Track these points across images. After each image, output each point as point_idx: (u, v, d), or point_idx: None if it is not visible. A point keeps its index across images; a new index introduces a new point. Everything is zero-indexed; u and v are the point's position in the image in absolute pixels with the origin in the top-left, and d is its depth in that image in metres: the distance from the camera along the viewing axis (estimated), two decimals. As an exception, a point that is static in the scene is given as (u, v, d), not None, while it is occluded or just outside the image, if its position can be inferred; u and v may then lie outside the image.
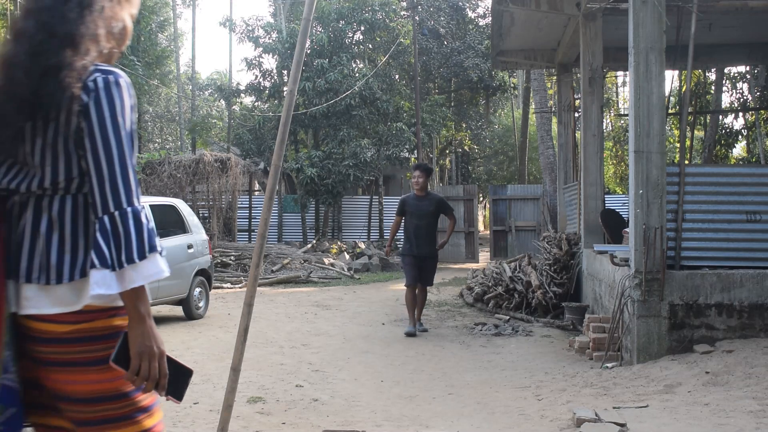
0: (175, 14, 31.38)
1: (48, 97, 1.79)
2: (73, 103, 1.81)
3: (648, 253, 6.83)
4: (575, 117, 13.60)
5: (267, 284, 15.65)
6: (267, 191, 4.67)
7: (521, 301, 10.88)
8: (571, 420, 5.15)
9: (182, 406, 6.04)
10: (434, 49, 27.16)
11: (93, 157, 1.82)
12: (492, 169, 35.91)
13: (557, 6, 10.68)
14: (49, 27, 1.83)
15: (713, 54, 12.81)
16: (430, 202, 9.55)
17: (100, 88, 1.84)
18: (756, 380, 5.75)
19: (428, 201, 9.57)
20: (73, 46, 1.83)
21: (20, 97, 1.80)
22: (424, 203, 9.55)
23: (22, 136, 1.84)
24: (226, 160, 18.67)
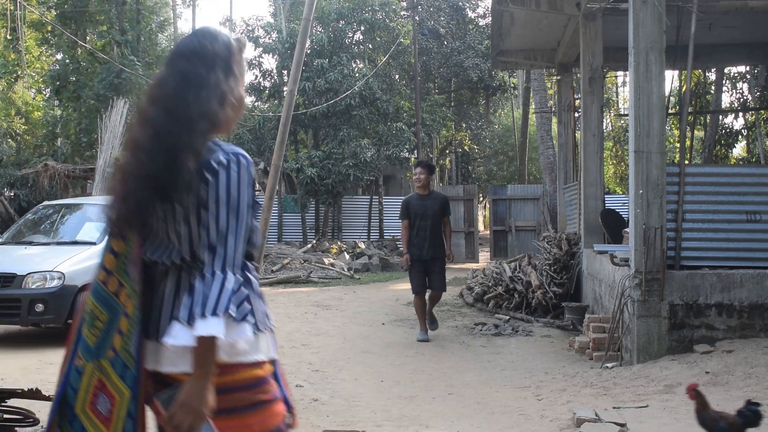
0: (175, 14, 31.43)
1: (174, 179, 1.96)
2: (199, 183, 1.98)
3: (648, 253, 6.83)
4: (575, 117, 13.60)
5: (267, 284, 15.65)
6: (267, 191, 4.67)
7: (521, 301, 10.88)
8: (571, 420, 5.15)
9: (182, 406, 6.03)
10: (434, 49, 27.15)
11: (206, 227, 2.00)
12: (492, 169, 35.92)
13: (557, 6, 10.68)
14: (173, 112, 2.00)
15: (713, 54, 12.80)
16: (434, 201, 8.96)
17: (222, 169, 2.01)
18: (756, 380, 5.75)
19: (432, 200, 8.99)
20: (195, 128, 2.00)
21: (150, 181, 1.97)
22: (428, 203, 8.95)
23: (157, 215, 2.02)
24: (226, 160, 18.65)
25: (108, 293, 2.09)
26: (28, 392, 4.88)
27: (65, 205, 10.85)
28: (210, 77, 2.06)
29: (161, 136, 1.98)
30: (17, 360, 7.78)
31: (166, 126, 1.99)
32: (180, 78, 2.04)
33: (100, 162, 17.49)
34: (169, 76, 2.06)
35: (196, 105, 2.01)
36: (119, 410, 2.03)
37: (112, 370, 2.04)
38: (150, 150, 1.99)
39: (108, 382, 2.05)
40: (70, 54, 23.33)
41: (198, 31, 2.16)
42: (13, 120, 23.59)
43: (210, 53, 2.09)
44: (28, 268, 8.71)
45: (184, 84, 2.03)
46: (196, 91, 2.03)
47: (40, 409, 5.47)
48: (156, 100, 2.04)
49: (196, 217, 2.01)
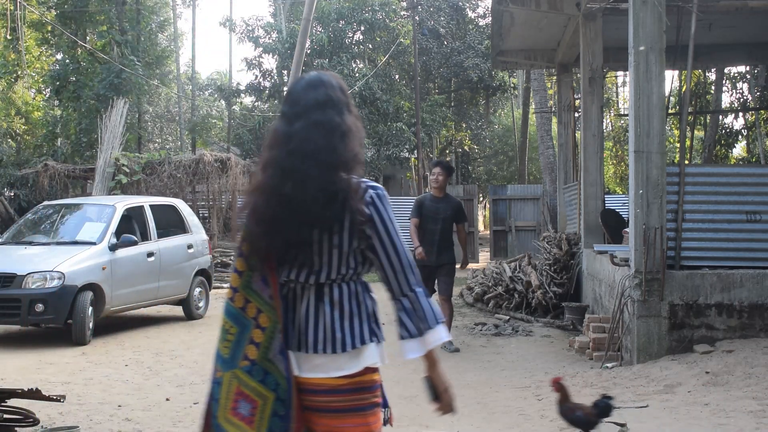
0: (175, 14, 31.36)
1: (341, 216, 2.26)
2: (360, 217, 2.28)
3: (648, 253, 6.82)
4: (575, 117, 13.59)
5: (267, 284, 15.63)
6: (267, 191, 4.67)
7: (521, 301, 10.88)
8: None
9: (182, 406, 6.05)
10: (434, 49, 27.14)
11: (385, 256, 2.32)
12: (492, 169, 35.90)
13: (557, 6, 10.68)
14: (327, 162, 2.26)
15: (713, 54, 12.79)
16: (448, 205, 8.48)
17: (376, 202, 2.33)
18: (756, 380, 5.75)
19: (446, 203, 8.50)
20: (347, 171, 2.29)
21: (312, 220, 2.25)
22: (441, 205, 8.44)
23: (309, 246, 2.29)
24: (226, 160, 18.65)
25: (236, 309, 2.32)
26: (28, 392, 4.88)
27: (65, 205, 10.85)
28: (345, 123, 2.35)
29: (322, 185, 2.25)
30: (17, 360, 7.78)
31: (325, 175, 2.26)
32: (326, 127, 2.31)
33: (100, 162, 17.49)
34: (313, 125, 2.31)
35: (344, 152, 2.30)
36: (263, 411, 2.25)
37: (249, 377, 2.26)
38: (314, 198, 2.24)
39: (246, 389, 2.27)
40: (70, 54, 23.31)
41: (316, 81, 2.39)
42: (13, 120, 23.57)
43: (336, 100, 2.37)
44: (28, 268, 8.71)
45: (333, 131, 2.31)
46: (340, 138, 2.31)
47: (40, 409, 5.47)
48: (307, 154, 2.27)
49: (353, 245, 2.31)
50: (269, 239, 2.29)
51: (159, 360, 7.96)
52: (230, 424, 2.28)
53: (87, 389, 6.54)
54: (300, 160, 2.27)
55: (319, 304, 2.32)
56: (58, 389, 6.37)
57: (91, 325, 8.88)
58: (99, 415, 5.66)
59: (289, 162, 2.28)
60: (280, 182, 2.27)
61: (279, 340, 2.28)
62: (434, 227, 8.36)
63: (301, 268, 2.32)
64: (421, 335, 2.30)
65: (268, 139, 2.40)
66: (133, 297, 9.81)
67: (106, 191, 16.90)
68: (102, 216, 9.93)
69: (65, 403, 5.51)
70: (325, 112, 2.33)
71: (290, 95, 2.42)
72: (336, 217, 2.27)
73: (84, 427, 5.26)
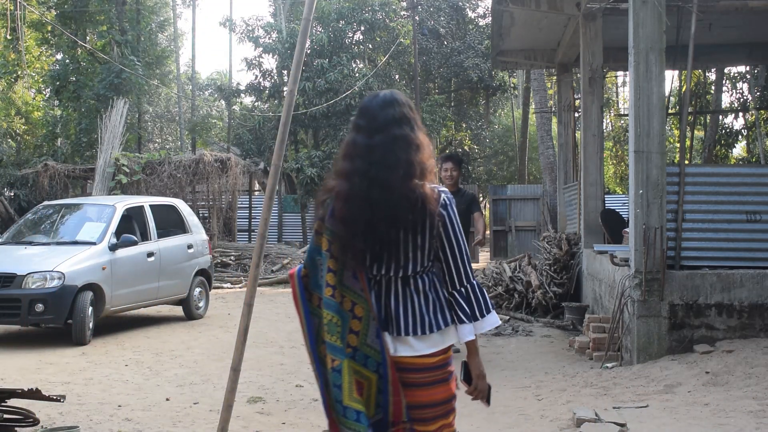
0: (175, 14, 31.36)
1: (422, 218, 2.62)
2: (437, 218, 2.65)
3: (648, 253, 6.82)
4: (575, 117, 13.59)
5: (267, 284, 15.65)
6: (267, 191, 4.66)
7: (521, 301, 10.88)
8: (571, 420, 5.15)
9: (182, 406, 6.05)
10: (434, 49, 27.13)
11: (450, 251, 2.70)
12: (492, 169, 35.88)
13: (557, 6, 10.67)
14: (407, 173, 2.61)
15: (713, 54, 12.79)
16: (461, 199, 7.94)
17: (447, 205, 2.70)
18: (756, 380, 5.75)
19: (459, 198, 7.86)
20: (422, 180, 2.64)
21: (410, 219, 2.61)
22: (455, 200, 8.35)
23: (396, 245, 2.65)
24: (226, 160, 18.66)
25: (335, 303, 2.63)
26: (28, 392, 4.88)
27: (65, 205, 10.85)
28: (418, 137, 2.69)
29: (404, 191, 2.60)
30: (17, 360, 7.78)
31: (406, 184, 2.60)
32: (404, 141, 2.65)
33: (100, 162, 17.49)
34: (392, 140, 2.64)
35: (420, 163, 2.64)
36: (369, 390, 2.63)
37: (353, 363, 2.60)
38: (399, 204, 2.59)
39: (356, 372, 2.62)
40: (70, 54, 23.31)
41: (391, 99, 2.72)
42: (13, 120, 23.57)
43: (409, 117, 2.71)
44: (28, 268, 8.71)
45: (409, 146, 2.65)
46: (416, 151, 2.65)
47: (40, 409, 5.47)
48: (389, 165, 2.62)
49: (431, 240, 2.67)
50: (364, 241, 2.62)
51: (159, 360, 7.96)
52: (356, 402, 2.58)
53: (87, 389, 6.54)
54: (384, 171, 2.60)
55: (407, 293, 2.68)
56: (58, 389, 6.37)
57: (91, 325, 8.88)
58: (99, 415, 5.66)
59: (373, 172, 2.61)
60: (368, 191, 2.60)
61: (374, 326, 2.64)
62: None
63: (390, 263, 2.66)
64: (476, 320, 2.74)
65: (347, 149, 2.69)
66: (133, 297, 9.81)
67: (106, 191, 16.91)
68: (102, 216, 9.93)
69: (65, 403, 5.52)
70: (401, 127, 2.66)
71: (367, 111, 2.72)
72: (418, 220, 2.62)
73: (84, 427, 5.26)
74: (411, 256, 2.67)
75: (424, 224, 2.65)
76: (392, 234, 2.62)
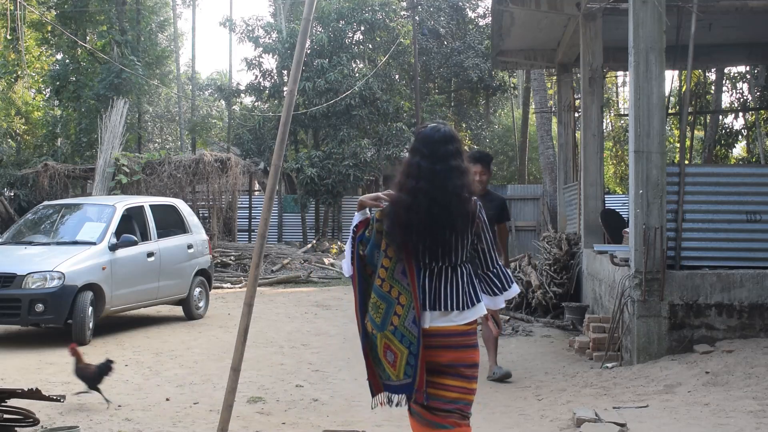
0: (175, 14, 31.35)
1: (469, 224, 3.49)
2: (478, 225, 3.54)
3: (648, 253, 6.82)
4: (575, 117, 13.59)
5: (267, 284, 15.65)
6: (267, 191, 4.66)
7: (521, 301, 10.87)
8: (571, 420, 5.15)
9: (182, 406, 6.05)
10: (434, 49, 27.12)
11: (486, 245, 3.61)
12: (492, 169, 35.85)
13: (557, 6, 10.67)
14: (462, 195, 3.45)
15: (713, 54, 12.79)
16: (490, 204, 6.82)
17: (481, 210, 3.56)
18: (756, 380, 5.75)
19: (488, 202, 6.72)
20: (472, 195, 3.51)
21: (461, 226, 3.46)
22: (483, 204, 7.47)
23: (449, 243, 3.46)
24: (226, 160, 18.66)
25: (383, 292, 3.45)
26: (28, 392, 4.88)
27: (65, 205, 10.85)
28: (466, 167, 3.52)
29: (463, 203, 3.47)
30: (17, 360, 7.78)
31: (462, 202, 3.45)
32: (459, 170, 3.47)
33: (100, 162, 17.49)
34: (451, 168, 3.46)
35: (469, 186, 3.49)
36: (401, 360, 3.43)
37: (393, 337, 3.42)
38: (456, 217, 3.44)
39: (392, 344, 3.43)
40: (70, 54, 23.31)
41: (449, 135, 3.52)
42: (13, 120, 23.58)
43: (461, 151, 3.53)
44: (28, 268, 8.71)
45: (463, 174, 3.48)
46: (466, 177, 3.49)
47: (40, 409, 5.47)
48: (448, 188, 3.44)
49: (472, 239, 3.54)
50: (422, 242, 3.42)
51: (159, 360, 7.96)
52: (382, 362, 3.51)
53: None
54: (444, 193, 3.42)
55: (454, 278, 3.50)
56: (58, 389, 6.37)
57: (91, 325, 8.88)
58: (99, 415, 5.67)
59: (437, 193, 3.41)
60: (429, 206, 3.40)
61: (412, 314, 3.40)
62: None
63: (444, 257, 3.47)
64: (500, 294, 3.65)
65: (410, 170, 3.49)
66: (133, 297, 9.81)
67: (106, 191, 16.91)
68: (102, 216, 9.93)
69: (65, 403, 5.52)
70: (457, 159, 3.47)
71: (430, 142, 3.50)
72: (467, 226, 3.50)
73: (84, 427, 5.26)
74: (459, 252, 3.52)
75: (470, 229, 3.53)
76: (447, 236, 3.45)
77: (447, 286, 3.49)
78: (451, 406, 3.52)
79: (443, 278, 3.51)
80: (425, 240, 3.43)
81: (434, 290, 3.48)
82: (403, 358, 3.44)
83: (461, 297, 3.49)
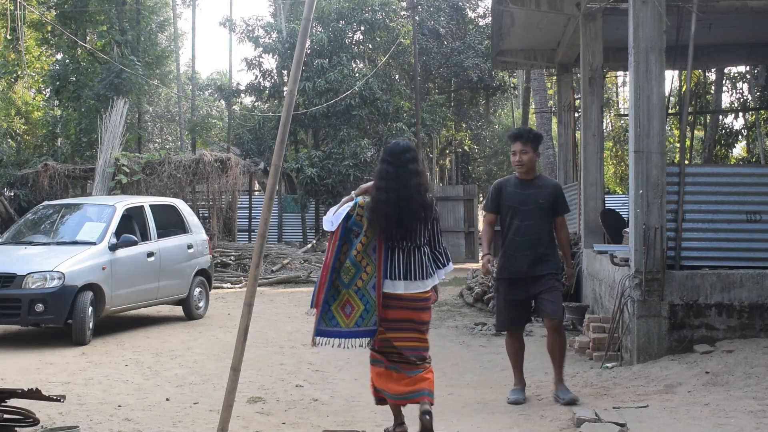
0: (175, 14, 31.33)
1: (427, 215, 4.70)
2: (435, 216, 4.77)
3: (648, 253, 6.82)
4: (575, 117, 13.59)
5: (267, 284, 15.65)
6: (267, 191, 4.66)
7: (521, 301, 10.84)
8: (571, 420, 5.15)
9: (182, 406, 6.05)
10: (434, 49, 27.10)
11: (435, 231, 4.84)
12: (492, 169, 35.85)
13: (557, 6, 10.67)
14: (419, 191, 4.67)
15: (713, 54, 12.78)
16: (541, 190, 6.01)
17: (435, 205, 4.79)
18: (756, 380, 5.75)
19: (538, 188, 6.03)
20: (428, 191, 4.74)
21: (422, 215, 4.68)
22: (530, 191, 5.98)
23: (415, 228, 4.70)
24: (226, 160, 18.66)
25: (356, 261, 4.63)
26: (28, 392, 4.88)
27: (65, 205, 10.85)
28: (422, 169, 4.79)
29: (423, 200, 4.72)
30: (17, 360, 7.78)
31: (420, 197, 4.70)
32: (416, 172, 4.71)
33: (100, 162, 17.50)
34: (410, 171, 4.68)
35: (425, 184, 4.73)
36: (356, 313, 4.65)
37: (355, 295, 4.64)
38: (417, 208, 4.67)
39: (352, 300, 4.65)
40: (70, 54, 23.31)
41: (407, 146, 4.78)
42: (13, 120, 23.58)
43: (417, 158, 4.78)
44: (28, 268, 8.71)
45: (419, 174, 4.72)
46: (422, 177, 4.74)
47: (40, 409, 5.47)
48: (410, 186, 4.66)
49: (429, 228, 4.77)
50: (397, 227, 4.62)
51: (159, 360, 7.96)
52: (337, 314, 4.67)
53: (87, 389, 6.54)
54: (406, 189, 4.64)
55: (417, 255, 4.73)
56: (58, 389, 6.38)
57: (91, 325, 8.88)
58: (99, 415, 5.67)
59: (402, 191, 4.63)
60: (397, 200, 4.61)
61: (374, 281, 4.63)
62: (526, 223, 5.94)
63: (410, 239, 4.69)
64: (441, 269, 4.86)
65: (381, 174, 4.68)
66: (133, 297, 9.81)
67: (106, 191, 16.91)
68: (102, 216, 9.93)
69: (65, 403, 5.51)
70: (414, 164, 4.69)
71: (393, 154, 4.72)
72: (427, 216, 4.71)
73: (84, 427, 5.26)
74: (420, 235, 4.73)
75: (429, 218, 4.74)
76: (412, 223, 4.65)
77: (413, 261, 4.70)
78: (412, 353, 4.72)
79: (410, 256, 4.70)
80: (397, 226, 4.61)
81: (403, 264, 4.69)
82: (359, 312, 4.65)
83: (423, 269, 4.72)
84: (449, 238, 22.47)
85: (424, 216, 4.63)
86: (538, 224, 5.96)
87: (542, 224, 5.99)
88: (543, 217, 5.99)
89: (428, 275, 4.69)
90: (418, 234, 4.66)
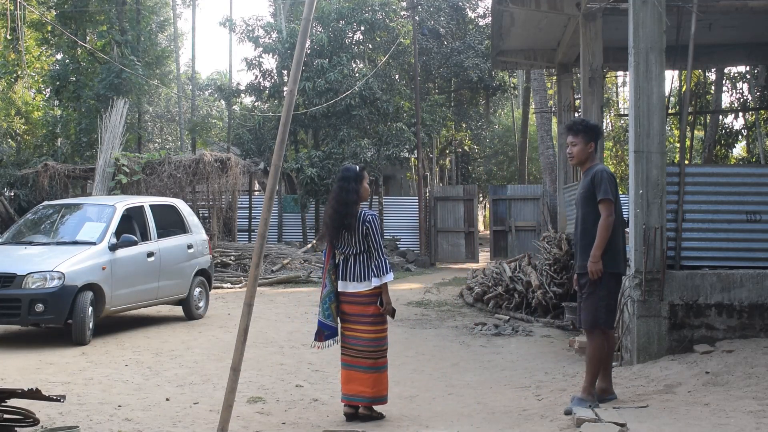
0: (175, 14, 31.32)
1: (352, 223, 5.63)
2: (362, 226, 5.63)
3: (648, 253, 6.82)
4: (575, 117, 13.58)
5: (267, 284, 15.65)
6: (267, 191, 4.67)
7: (521, 301, 10.87)
8: (571, 420, 5.15)
9: (182, 406, 6.05)
10: (434, 49, 27.10)
11: (373, 244, 5.65)
12: (492, 169, 35.89)
13: (557, 6, 10.67)
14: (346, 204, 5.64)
15: (713, 54, 12.78)
16: (583, 181, 5.77)
17: (369, 221, 5.65)
18: (756, 380, 5.75)
19: (583, 179, 5.78)
20: (355, 206, 5.65)
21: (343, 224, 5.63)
22: (582, 184, 5.79)
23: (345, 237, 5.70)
24: (226, 160, 18.65)
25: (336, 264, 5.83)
26: (28, 392, 4.88)
27: (65, 205, 10.84)
28: (354, 186, 5.65)
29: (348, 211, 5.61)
30: (17, 360, 7.78)
31: (347, 208, 5.60)
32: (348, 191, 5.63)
33: (100, 162, 17.49)
34: (345, 190, 5.62)
35: (354, 198, 5.64)
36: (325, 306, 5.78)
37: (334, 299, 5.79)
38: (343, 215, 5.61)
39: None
40: (70, 54, 23.29)
41: (350, 170, 5.73)
42: (13, 120, 23.57)
43: (352, 177, 5.67)
44: (28, 268, 8.71)
45: (351, 193, 5.63)
46: (354, 195, 5.64)
47: (40, 409, 5.47)
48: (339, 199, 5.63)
49: (362, 237, 5.62)
50: (335, 235, 5.67)
51: (159, 360, 7.96)
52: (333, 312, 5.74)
53: (87, 389, 6.54)
54: (339, 204, 5.63)
55: (356, 261, 5.66)
56: (58, 389, 6.38)
57: (91, 325, 8.88)
58: (99, 415, 5.67)
59: (338, 206, 5.63)
60: (334, 210, 5.66)
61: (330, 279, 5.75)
62: (575, 215, 5.88)
63: (348, 247, 5.66)
64: (385, 274, 5.61)
65: (331, 193, 5.75)
66: (133, 297, 9.81)
67: (106, 191, 16.91)
68: (102, 216, 9.93)
69: (65, 403, 5.51)
70: (351, 184, 5.65)
71: (340, 176, 5.77)
72: (355, 226, 5.61)
73: (84, 427, 5.26)
74: (356, 244, 5.66)
75: (360, 229, 5.64)
76: (344, 233, 5.65)
77: (354, 266, 5.65)
78: (368, 344, 5.59)
79: (351, 261, 5.67)
80: (336, 235, 5.65)
81: (347, 268, 5.67)
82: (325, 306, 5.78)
83: (362, 273, 5.62)
84: (449, 237, 22.51)
85: (355, 227, 5.57)
86: (582, 216, 5.67)
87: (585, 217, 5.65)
88: (586, 209, 5.65)
89: (366, 278, 5.60)
90: (352, 243, 5.62)
